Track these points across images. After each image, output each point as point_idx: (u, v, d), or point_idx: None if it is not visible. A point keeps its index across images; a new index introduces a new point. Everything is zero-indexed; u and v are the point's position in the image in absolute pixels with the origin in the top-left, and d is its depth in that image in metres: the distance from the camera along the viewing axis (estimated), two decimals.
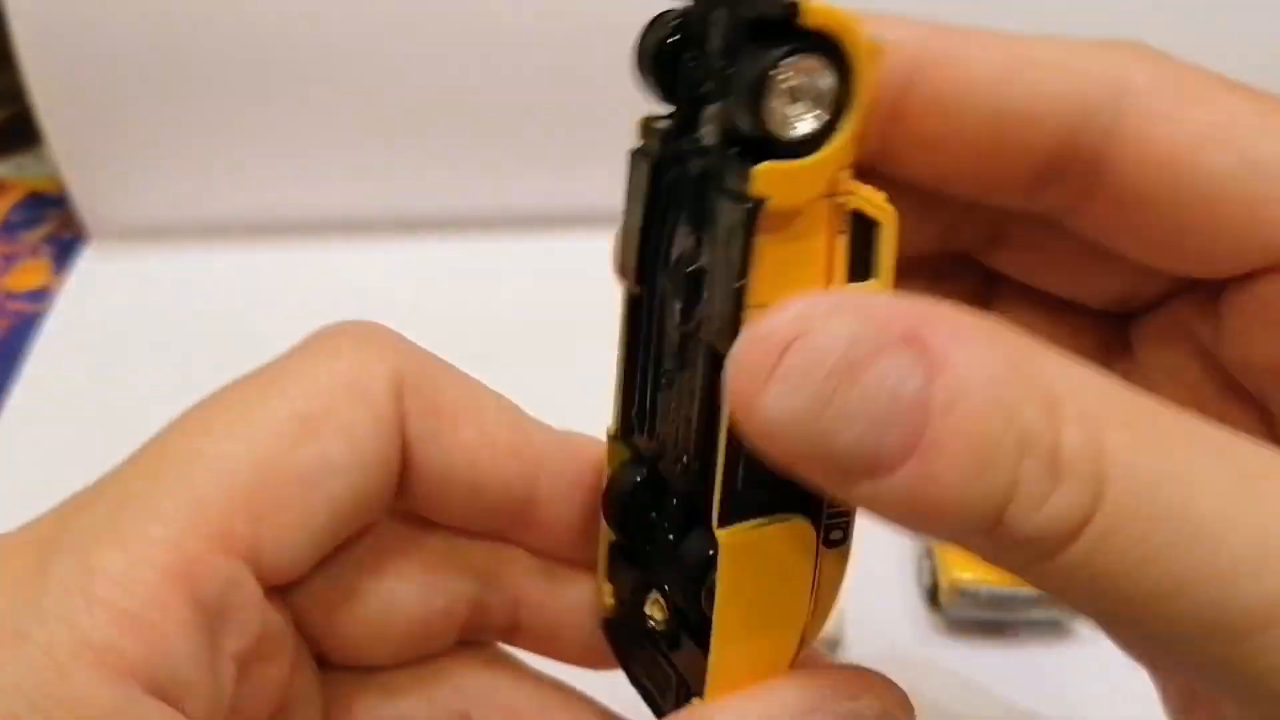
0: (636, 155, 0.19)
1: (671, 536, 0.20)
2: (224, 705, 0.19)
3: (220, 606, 0.19)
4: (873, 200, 0.18)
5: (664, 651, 0.21)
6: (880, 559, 0.39)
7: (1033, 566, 0.17)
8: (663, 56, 0.18)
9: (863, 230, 0.18)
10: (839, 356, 0.16)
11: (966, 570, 0.36)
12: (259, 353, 0.24)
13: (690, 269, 0.18)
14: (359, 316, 0.25)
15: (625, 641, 0.23)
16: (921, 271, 0.24)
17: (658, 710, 0.22)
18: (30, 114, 0.51)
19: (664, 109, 0.19)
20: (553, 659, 0.25)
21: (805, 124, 0.17)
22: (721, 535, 0.19)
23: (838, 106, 0.17)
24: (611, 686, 0.24)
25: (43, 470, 0.22)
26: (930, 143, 0.21)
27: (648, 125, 0.19)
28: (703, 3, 0.18)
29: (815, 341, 0.16)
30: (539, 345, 0.44)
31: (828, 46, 0.17)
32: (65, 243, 0.56)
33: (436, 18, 0.49)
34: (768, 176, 0.17)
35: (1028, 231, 0.23)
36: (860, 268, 0.18)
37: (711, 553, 0.19)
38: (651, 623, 0.21)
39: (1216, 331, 0.22)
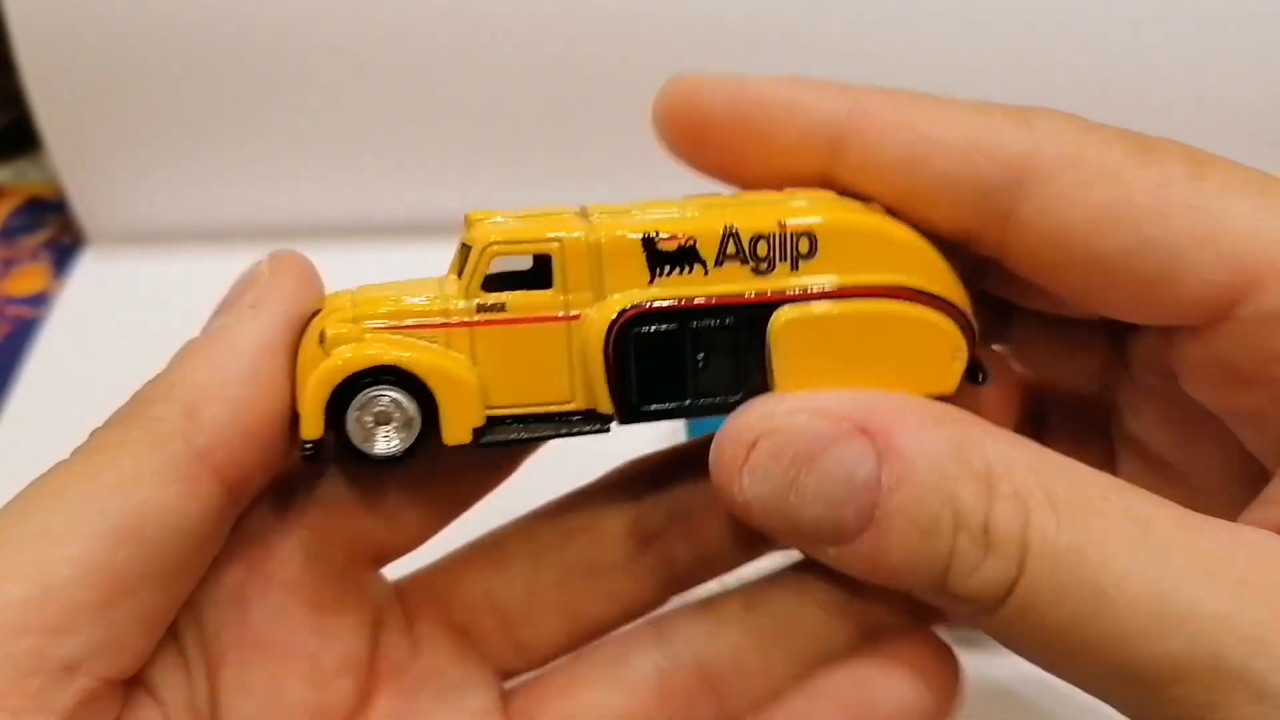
0: None
1: None
2: None
3: None
4: None
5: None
6: None
7: (979, 620, 0.19)
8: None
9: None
10: (798, 448, 0.19)
11: None
12: None
13: None
14: None
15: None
16: None
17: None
18: (29, 119, 0.51)
19: None
20: None
21: (386, 443, 0.21)
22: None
23: (423, 427, 0.20)
24: None
25: None
26: (864, 189, 0.22)
27: None
28: None
29: (777, 437, 0.20)
30: None
31: (409, 380, 0.20)
32: (64, 248, 0.56)
33: (433, 25, 0.50)
34: None
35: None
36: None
37: None
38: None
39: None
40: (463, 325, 0.20)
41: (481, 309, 0.20)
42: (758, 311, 0.21)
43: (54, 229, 0.57)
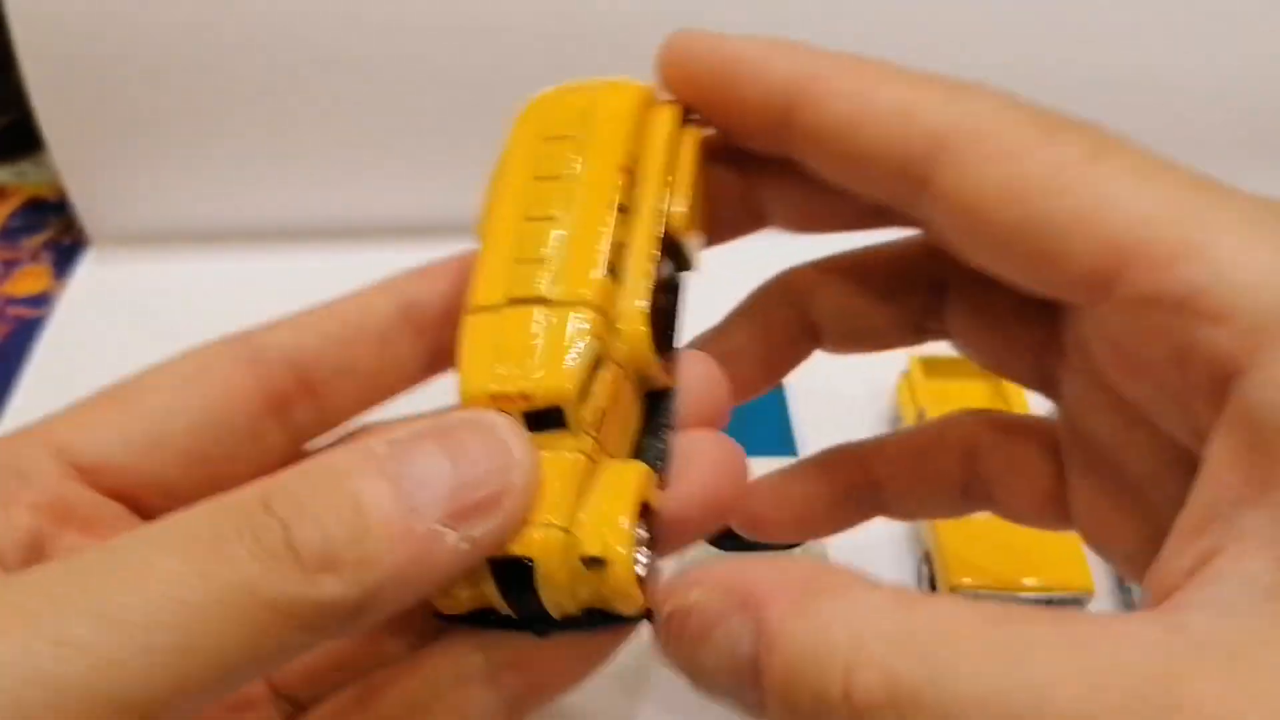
0: None
1: None
2: None
3: None
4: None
5: None
6: (878, 564, 0.39)
7: None
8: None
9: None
10: (693, 624, 0.21)
11: (965, 575, 0.36)
12: None
13: None
14: None
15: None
16: (880, 276, 0.28)
17: None
18: (31, 120, 0.51)
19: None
20: None
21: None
22: None
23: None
24: None
25: None
26: (813, 151, 0.24)
27: None
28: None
29: (677, 614, 0.21)
30: None
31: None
32: (66, 248, 0.56)
33: (431, 27, 0.50)
34: None
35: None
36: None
37: None
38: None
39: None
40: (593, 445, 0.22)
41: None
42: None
43: (55, 230, 0.57)
